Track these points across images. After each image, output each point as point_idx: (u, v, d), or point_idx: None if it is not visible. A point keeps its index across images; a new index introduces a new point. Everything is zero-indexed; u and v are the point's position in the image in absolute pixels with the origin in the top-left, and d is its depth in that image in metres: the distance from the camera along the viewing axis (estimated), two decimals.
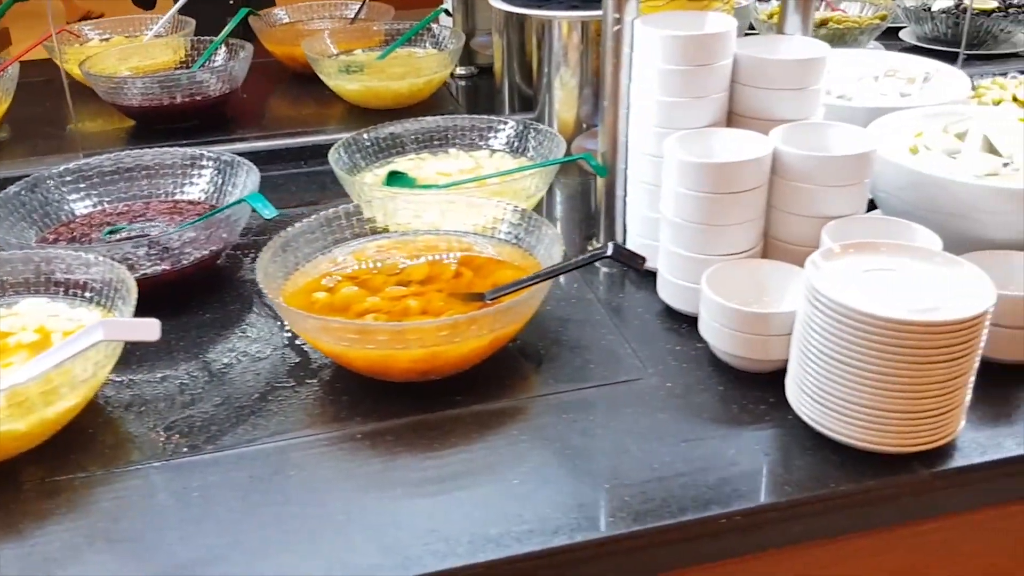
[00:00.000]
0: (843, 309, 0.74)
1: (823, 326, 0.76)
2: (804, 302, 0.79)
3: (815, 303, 0.77)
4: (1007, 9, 1.88)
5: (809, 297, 0.77)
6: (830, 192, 0.93)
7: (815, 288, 0.76)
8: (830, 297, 0.75)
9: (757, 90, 1.00)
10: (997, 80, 1.45)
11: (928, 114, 1.13)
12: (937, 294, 0.77)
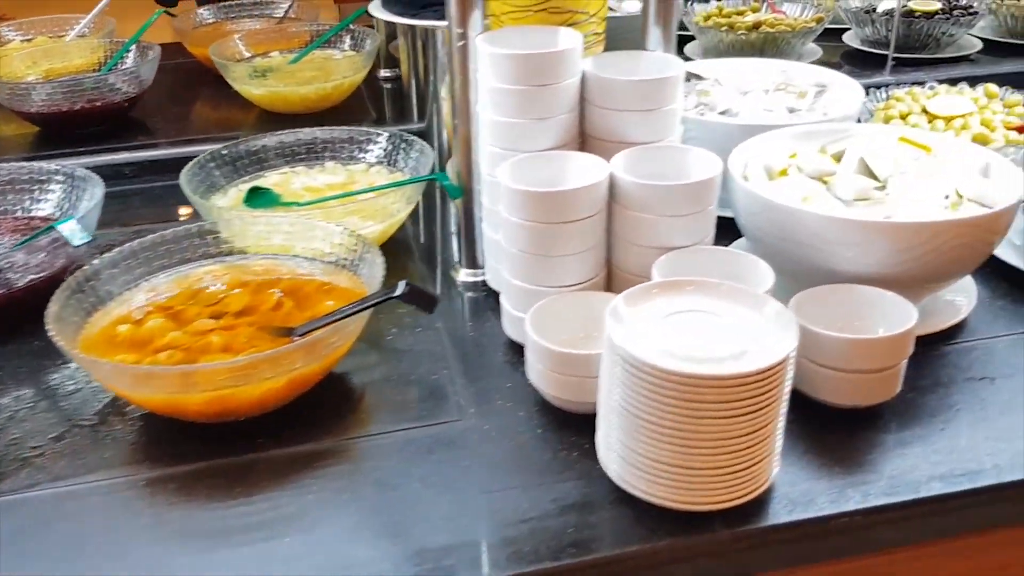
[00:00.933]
0: (634, 360, 0.68)
1: (618, 376, 0.70)
2: (604, 349, 0.73)
3: (611, 353, 0.71)
4: (951, 11, 1.80)
5: (606, 346, 0.72)
6: (669, 221, 0.87)
7: (610, 337, 0.71)
8: (622, 347, 0.69)
9: (606, 111, 0.94)
10: (912, 90, 1.38)
11: (806, 133, 1.07)
12: (739, 340, 0.71)
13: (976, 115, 1.30)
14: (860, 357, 0.80)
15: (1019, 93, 1.35)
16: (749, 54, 1.73)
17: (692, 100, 1.19)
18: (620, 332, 0.71)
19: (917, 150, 1.04)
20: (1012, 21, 1.85)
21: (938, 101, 1.32)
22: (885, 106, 1.34)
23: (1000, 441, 0.79)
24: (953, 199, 0.94)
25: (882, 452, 0.79)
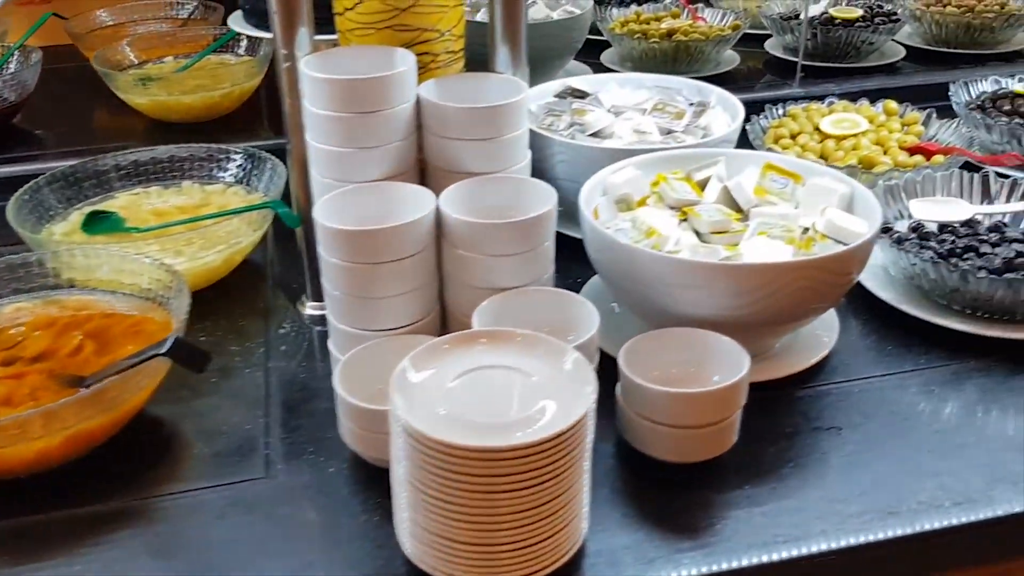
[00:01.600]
0: (414, 432, 0.62)
1: (401, 447, 0.64)
2: (390, 418, 0.66)
3: (395, 423, 0.64)
4: (872, 18, 1.74)
5: (390, 415, 0.65)
6: (497, 261, 0.81)
7: (392, 400, 0.64)
8: (403, 418, 0.63)
9: (442, 139, 0.88)
10: (810, 107, 1.32)
11: (673, 158, 1.01)
12: (533, 400, 0.65)
13: (872, 133, 1.24)
14: (683, 411, 0.74)
15: (919, 110, 1.29)
16: (662, 63, 1.67)
17: (566, 120, 1.13)
18: (402, 400, 0.64)
19: (785, 178, 0.98)
20: (936, 28, 1.80)
21: (833, 119, 1.26)
22: (778, 123, 1.28)
23: (834, 503, 0.74)
24: (811, 234, 0.88)
25: (705, 513, 0.73)
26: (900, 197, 1.07)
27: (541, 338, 0.69)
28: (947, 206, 1.05)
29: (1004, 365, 0.89)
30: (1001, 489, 0.74)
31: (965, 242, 0.97)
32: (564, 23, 1.55)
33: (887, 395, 0.86)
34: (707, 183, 0.98)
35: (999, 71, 1.61)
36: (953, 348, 0.92)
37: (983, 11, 1.78)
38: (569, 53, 1.63)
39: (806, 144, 1.21)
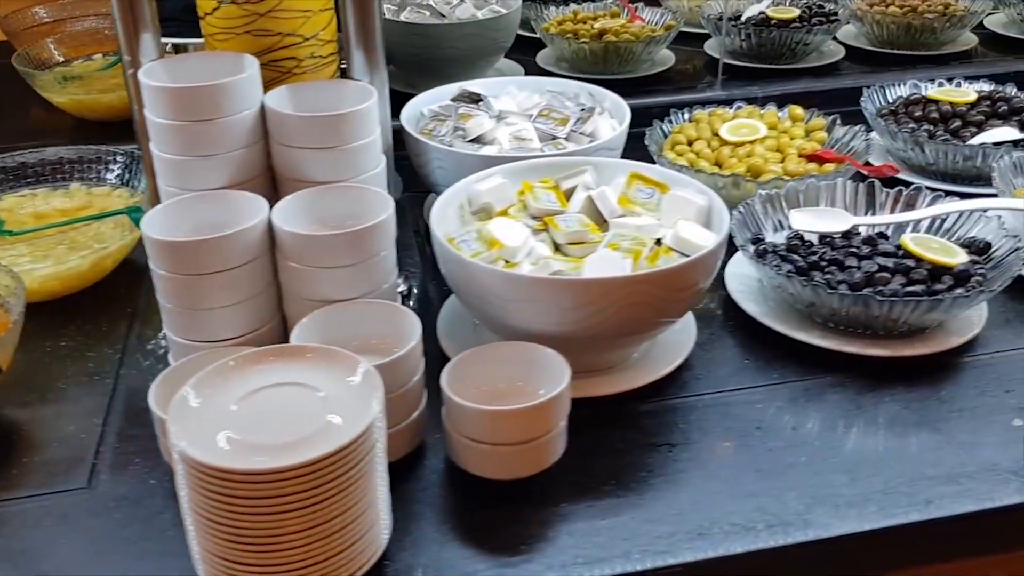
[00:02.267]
0: (187, 458, 0.61)
1: (181, 472, 0.63)
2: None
3: (174, 448, 0.63)
4: (810, 19, 1.72)
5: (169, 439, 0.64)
6: (326, 273, 0.80)
7: (168, 427, 0.63)
8: (176, 443, 0.62)
9: (285, 148, 0.86)
10: (716, 111, 1.30)
11: (543, 166, 0.99)
12: (317, 417, 0.64)
13: (771, 140, 1.22)
14: (495, 428, 0.73)
15: (825, 116, 1.27)
16: (593, 64, 1.65)
17: (449, 125, 1.12)
18: (178, 427, 0.63)
19: (651, 188, 0.96)
20: (878, 29, 1.77)
21: (732, 125, 1.24)
22: (678, 129, 1.26)
23: (646, 523, 0.72)
24: (660, 248, 0.87)
25: (517, 531, 0.72)
26: (780, 207, 1.05)
27: (331, 352, 0.68)
28: (827, 217, 1.03)
29: (859, 382, 0.88)
30: (819, 512, 0.73)
31: (835, 255, 0.95)
32: (488, 23, 1.54)
33: (732, 411, 0.85)
34: (572, 193, 0.96)
35: (941, 72, 1.59)
36: (812, 364, 0.90)
37: (925, 11, 1.75)
38: (496, 53, 1.61)
39: (700, 151, 1.19)
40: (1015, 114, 1.26)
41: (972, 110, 1.28)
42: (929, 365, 0.90)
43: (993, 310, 0.97)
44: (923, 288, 0.90)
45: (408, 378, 0.75)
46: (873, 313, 0.88)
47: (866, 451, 0.79)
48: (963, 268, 0.92)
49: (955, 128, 1.25)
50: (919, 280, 0.91)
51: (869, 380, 0.88)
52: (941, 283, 0.91)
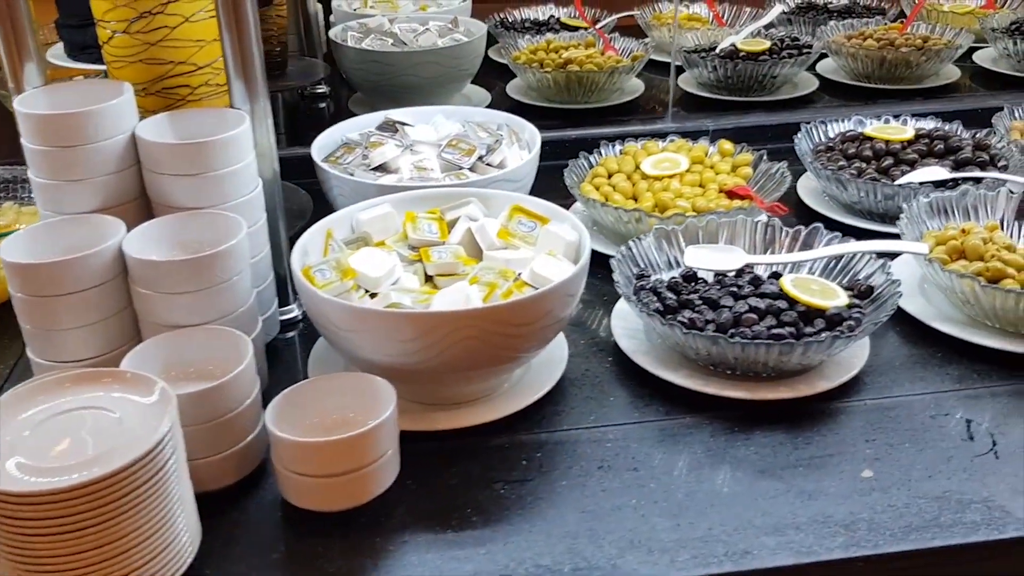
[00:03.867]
0: None
1: None
2: None
3: None
4: (781, 50, 1.69)
5: None
6: (171, 299, 0.81)
7: None
8: None
9: (154, 174, 0.88)
10: (647, 144, 1.28)
11: (430, 196, 0.99)
12: (107, 440, 0.65)
13: (694, 174, 1.20)
14: (313, 460, 0.73)
15: (752, 151, 1.24)
16: (556, 94, 1.65)
17: (359, 153, 1.12)
18: None
19: (533, 221, 0.96)
20: (853, 62, 1.73)
21: (655, 159, 1.22)
22: (603, 162, 1.25)
23: (453, 561, 0.71)
24: (518, 281, 0.86)
25: (323, 566, 0.72)
26: (676, 243, 1.03)
27: (129, 375, 0.69)
28: (722, 254, 1.01)
29: (719, 424, 0.85)
30: (631, 557, 0.71)
31: (714, 293, 0.93)
32: (447, 51, 1.55)
33: (580, 449, 0.83)
34: (455, 224, 0.96)
35: (913, 107, 1.55)
36: (679, 404, 0.88)
37: (902, 45, 1.71)
38: (460, 80, 1.62)
39: (617, 184, 1.18)
40: (951, 153, 1.23)
41: (907, 148, 1.24)
42: (798, 409, 0.87)
43: (882, 353, 0.94)
44: (791, 331, 0.87)
45: (235, 405, 0.76)
46: (732, 355, 0.86)
47: (700, 496, 0.77)
48: (836, 312, 0.89)
49: (886, 166, 1.21)
50: (788, 322, 0.88)
51: (731, 423, 0.85)
52: (812, 326, 0.89)
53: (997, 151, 1.22)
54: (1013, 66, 1.78)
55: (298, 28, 1.76)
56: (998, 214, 1.09)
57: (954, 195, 1.09)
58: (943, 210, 1.08)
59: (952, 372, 0.92)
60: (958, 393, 0.89)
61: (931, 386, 0.90)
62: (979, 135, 1.27)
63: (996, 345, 0.93)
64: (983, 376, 0.91)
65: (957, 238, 1.01)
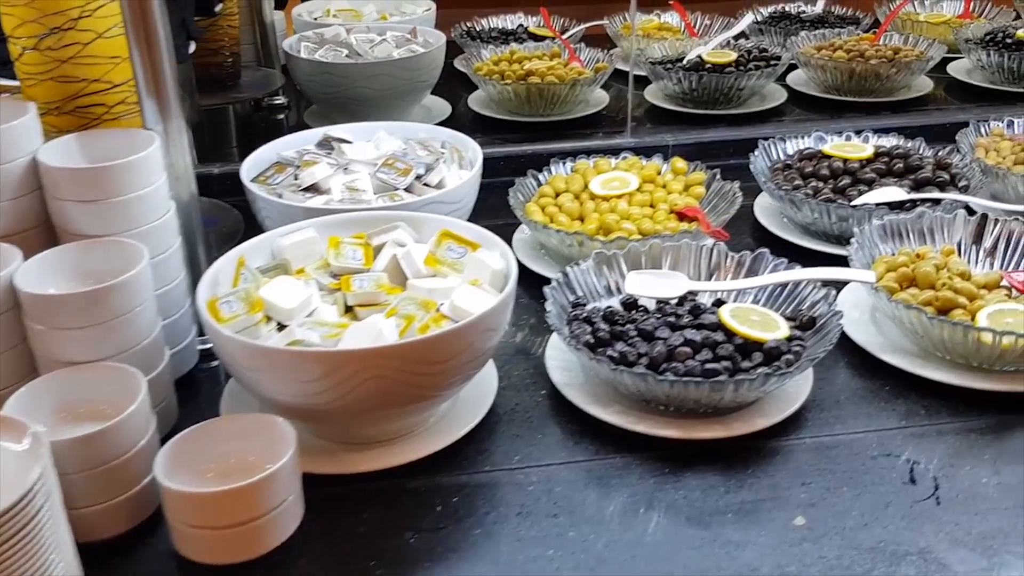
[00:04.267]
0: None
1: None
2: None
3: None
4: (748, 62, 1.64)
5: None
6: (64, 335, 0.76)
7: None
8: None
9: (55, 200, 0.83)
10: (599, 162, 1.24)
11: (357, 220, 0.94)
12: None
13: (645, 194, 1.16)
14: (203, 511, 0.68)
15: (705, 170, 1.20)
16: (517, 107, 1.61)
17: (290, 173, 1.08)
18: None
19: (463, 247, 0.91)
20: (823, 74, 1.69)
21: (605, 178, 1.18)
22: (552, 180, 1.20)
23: None
24: (437, 313, 0.81)
25: None
26: (617, 268, 0.99)
27: (2, 419, 0.64)
28: (664, 281, 0.97)
29: (651, 466, 0.81)
30: None
31: (651, 324, 0.89)
32: (400, 63, 1.50)
33: (500, 493, 0.78)
34: (381, 250, 0.91)
35: (882, 122, 1.51)
36: (611, 443, 0.84)
37: (872, 56, 1.66)
38: (417, 92, 1.57)
39: (563, 205, 1.13)
40: (911, 172, 1.18)
41: (866, 167, 1.20)
42: (734, 448, 0.82)
43: (827, 387, 0.90)
44: (726, 366, 0.83)
45: (125, 449, 0.71)
46: (662, 393, 0.81)
47: (620, 547, 0.72)
48: (774, 345, 0.84)
49: (843, 186, 1.17)
50: (724, 356, 0.84)
51: (663, 463, 0.81)
52: (750, 360, 0.84)
53: (959, 170, 1.18)
54: (987, 78, 1.74)
55: (254, 38, 1.72)
56: (956, 237, 1.04)
57: (910, 217, 1.04)
58: (897, 233, 1.04)
59: (899, 408, 0.87)
60: (904, 431, 0.84)
61: (876, 423, 0.85)
62: (941, 153, 1.22)
63: (947, 379, 0.88)
64: (931, 413, 0.86)
65: (908, 264, 0.96)
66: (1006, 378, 0.88)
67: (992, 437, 0.83)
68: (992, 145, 1.26)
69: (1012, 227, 1.02)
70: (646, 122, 1.62)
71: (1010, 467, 0.79)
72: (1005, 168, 1.18)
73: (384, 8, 1.95)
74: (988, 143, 1.27)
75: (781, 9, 2.07)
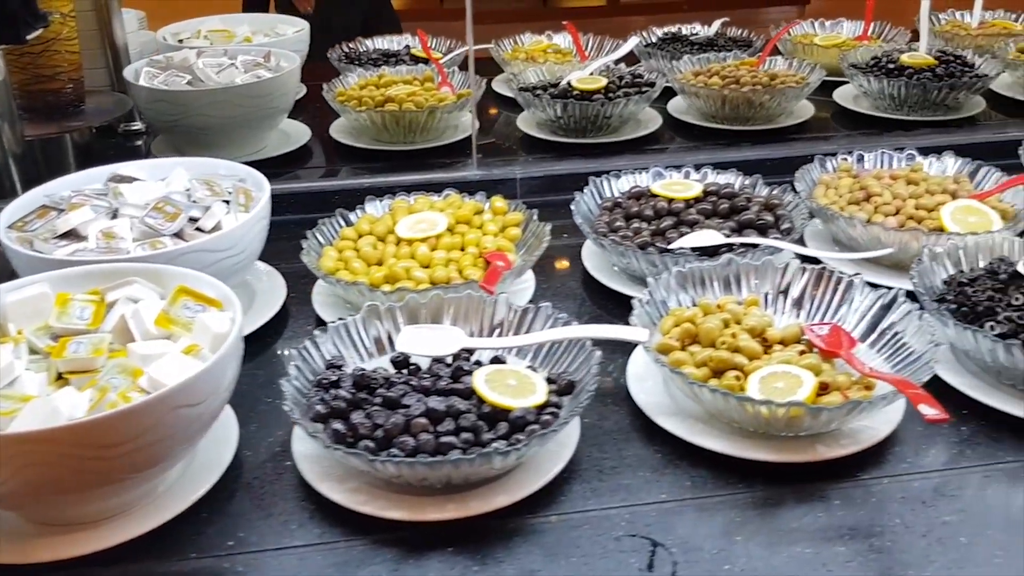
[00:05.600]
0: None
1: None
2: None
3: None
4: (619, 88, 1.57)
5: None
6: None
7: None
8: None
9: None
10: (423, 199, 1.17)
11: (100, 273, 0.87)
12: None
13: (456, 236, 1.09)
14: None
15: (524, 210, 1.13)
16: (376, 135, 1.54)
17: (52, 219, 1.00)
18: None
19: (203, 305, 0.84)
20: (697, 101, 1.62)
21: (413, 220, 1.11)
22: (363, 219, 1.13)
23: None
24: (136, 385, 0.74)
25: None
26: (394, 321, 0.92)
27: None
28: (439, 336, 0.89)
29: (400, 549, 0.73)
30: None
31: (400, 390, 0.82)
32: (245, 89, 1.43)
33: None
34: (112, 307, 0.84)
35: (752, 153, 1.46)
36: (338, 524, 0.76)
37: (748, 83, 1.60)
38: (265, 119, 1.50)
39: (361, 249, 1.06)
40: (736, 213, 1.11)
41: (691, 207, 1.13)
42: (475, 528, 0.75)
43: (594, 454, 0.83)
44: (466, 438, 0.76)
45: None
46: (386, 474, 0.74)
47: None
48: (520, 415, 0.77)
49: (664, 227, 1.10)
50: (467, 428, 0.77)
51: (396, 548, 0.74)
52: (496, 430, 0.77)
53: (784, 212, 1.11)
54: (874, 104, 1.68)
55: (106, 61, 1.65)
56: (766, 286, 0.98)
57: (716, 264, 0.98)
58: (700, 282, 0.97)
59: (664, 480, 0.80)
60: (661, 507, 0.77)
61: (634, 497, 0.78)
62: (776, 191, 1.16)
63: (719, 448, 0.81)
64: (696, 486, 0.79)
65: (694, 318, 0.89)
66: (786, 445, 0.81)
67: (754, 514, 0.76)
68: (833, 182, 1.20)
69: (825, 276, 0.95)
70: (518, 152, 1.55)
71: (763, 550, 0.72)
72: (835, 210, 1.11)
73: (259, 28, 1.88)
74: (831, 180, 1.21)
75: (673, 31, 2.01)
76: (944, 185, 1.15)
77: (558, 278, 1.14)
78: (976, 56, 1.68)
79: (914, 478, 0.79)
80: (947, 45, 1.84)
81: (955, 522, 0.74)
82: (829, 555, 0.71)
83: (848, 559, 0.71)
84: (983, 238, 1.00)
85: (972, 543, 0.72)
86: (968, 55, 1.69)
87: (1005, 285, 0.92)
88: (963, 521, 0.74)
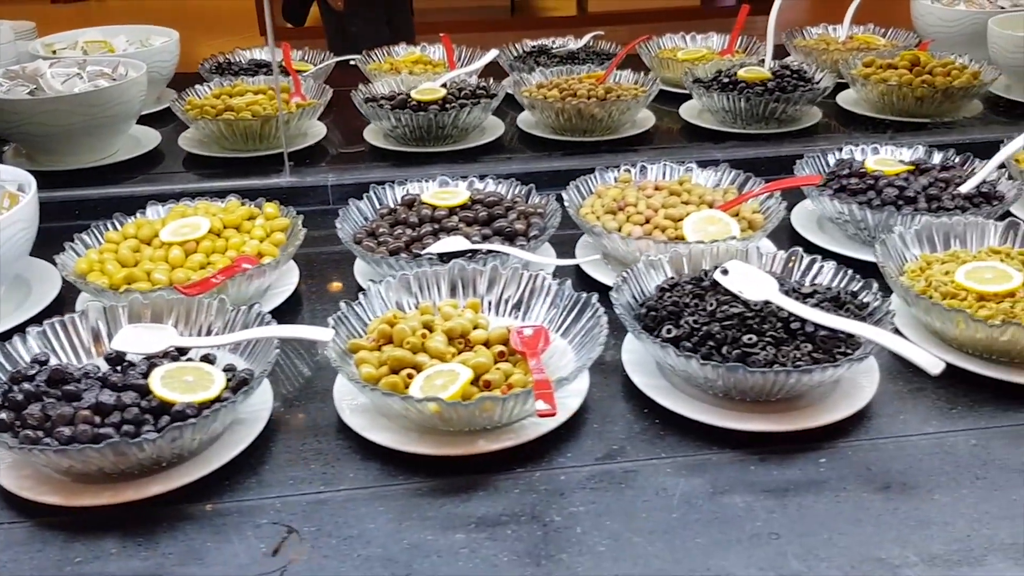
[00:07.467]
0: None
1: None
2: None
3: None
4: (456, 100, 1.61)
5: None
6: None
7: None
8: None
9: None
10: (203, 205, 1.20)
11: None
12: None
13: (219, 240, 1.12)
14: None
15: (292, 216, 1.17)
16: (221, 144, 1.58)
17: None
18: None
19: None
20: (538, 113, 1.66)
21: (177, 225, 1.14)
22: (134, 223, 1.16)
23: None
24: None
25: None
26: (120, 321, 0.95)
27: None
28: (152, 335, 0.93)
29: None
30: None
31: (87, 383, 0.85)
32: (80, 98, 1.47)
33: None
34: None
35: (600, 160, 1.48)
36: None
37: (583, 95, 1.63)
38: (108, 126, 1.54)
39: (119, 253, 1.10)
40: (493, 220, 1.15)
41: (452, 215, 1.17)
42: (144, 514, 0.79)
43: (259, 454, 0.86)
44: (127, 430, 0.79)
45: None
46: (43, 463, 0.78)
47: None
48: (180, 409, 0.81)
49: (423, 234, 1.13)
50: (130, 420, 0.80)
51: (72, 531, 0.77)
52: (159, 423, 0.81)
53: (539, 221, 1.14)
54: (716, 117, 1.71)
55: None
56: (485, 289, 1.01)
57: (443, 269, 1.01)
58: (423, 286, 1.00)
59: (331, 472, 0.84)
60: (317, 496, 0.81)
61: (292, 489, 0.82)
62: (541, 201, 1.19)
63: (387, 443, 0.84)
64: (359, 479, 0.83)
65: (393, 320, 0.93)
66: (454, 440, 0.84)
67: (411, 503, 0.79)
68: (604, 192, 1.23)
69: (539, 280, 0.99)
70: (365, 158, 1.59)
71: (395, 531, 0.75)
72: (584, 219, 1.15)
73: (135, 39, 1.93)
74: (604, 190, 1.25)
75: (539, 45, 2.04)
76: (704, 196, 1.19)
77: (329, 281, 1.18)
78: (819, 71, 1.71)
79: (578, 470, 0.82)
80: (806, 60, 1.88)
81: (611, 511, 0.78)
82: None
83: (483, 544, 0.75)
84: (710, 246, 1.03)
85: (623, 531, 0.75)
86: (809, 69, 1.71)
87: (704, 291, 0.95)
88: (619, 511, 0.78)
